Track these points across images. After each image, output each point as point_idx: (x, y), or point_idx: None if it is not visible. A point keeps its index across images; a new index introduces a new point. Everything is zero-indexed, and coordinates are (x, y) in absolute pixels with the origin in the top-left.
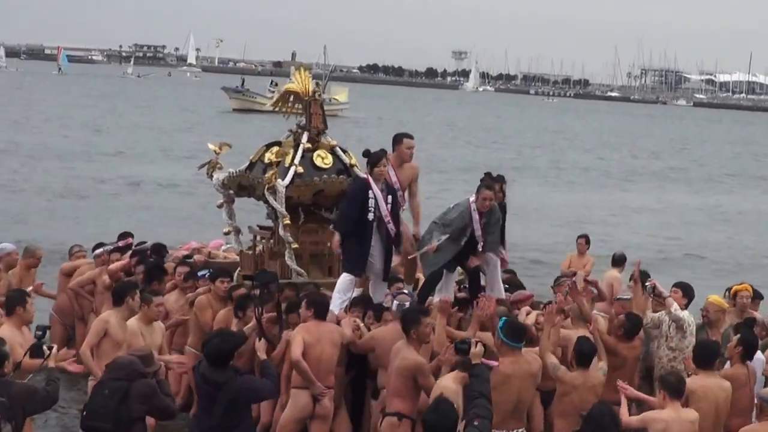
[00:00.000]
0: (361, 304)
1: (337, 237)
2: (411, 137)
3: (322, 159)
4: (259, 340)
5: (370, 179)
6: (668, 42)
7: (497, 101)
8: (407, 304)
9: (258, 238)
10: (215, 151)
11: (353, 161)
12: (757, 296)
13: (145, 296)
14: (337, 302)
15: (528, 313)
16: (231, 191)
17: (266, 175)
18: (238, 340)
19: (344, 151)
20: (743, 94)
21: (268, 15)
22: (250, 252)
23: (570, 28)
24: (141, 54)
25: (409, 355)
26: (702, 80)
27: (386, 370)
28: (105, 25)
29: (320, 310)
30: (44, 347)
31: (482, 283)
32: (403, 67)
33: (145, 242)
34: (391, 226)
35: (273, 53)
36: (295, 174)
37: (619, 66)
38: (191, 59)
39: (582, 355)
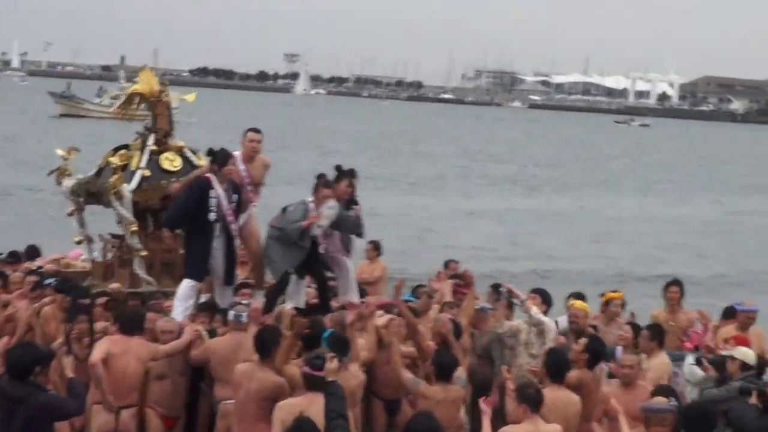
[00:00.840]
0: (207, 311)
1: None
2: (256, 130)
3: (170, 161)
4: (67, 356)
5: (213, 178)
6: (506, 44)
7: (328, 104)
8: (244, 315)
9: (108, 246)
10: (63, 157)
11: (203, 162)
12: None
13: None
14: (179, 309)
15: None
16: (80, 198)
17: (110, 180)
18: (40, 354)
19: (194, 153)
20: (579, 96)
21: (98, 16)
22: (101, 261)
23: (405, 30)
24: None
25: (267, 377)
26: (538, 81)
27: (223, 383)
28: None
29: (126, 325)
30: None
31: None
32: (234, 70)
33: None
34: (233, 227)
35: (103, 57)
36: (142, 178)
37: (455, 68)
38: (15, 63)
39: (442, 368)
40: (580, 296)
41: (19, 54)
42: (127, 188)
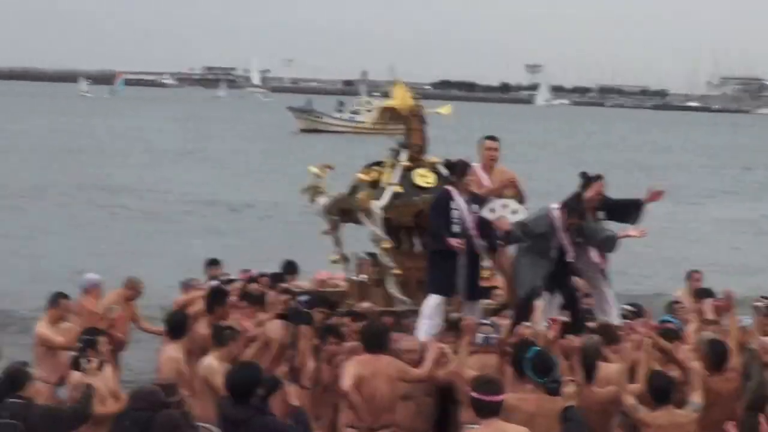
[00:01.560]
0: (455, 330)
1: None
2: (493, 138)
3: (424, 177)
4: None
5: (453, 190)
6: (747, 46)
7: (570, 115)
8: (494, 336)
9: (363, 265)
10: (317, 175)
11: None
12: None
13: None
14: (424, 328)
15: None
16: (335, 217)
17: (359, 196)
18: (262, 375)
19: (449, 168)
20: None
21: (337, 31)
22: (356, 280)
23: (646, 32)
24: (212, 76)
25: None
26: None
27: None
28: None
29: (372, 342)
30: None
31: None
32: (476, 82)
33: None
34: (478, 241)
35: (344, 72)
36: (394, 194)
37: (699, 75)
38: (255, 80)
39: (659, 391)
40: None
41: (260, 71)
42: (377, 205)
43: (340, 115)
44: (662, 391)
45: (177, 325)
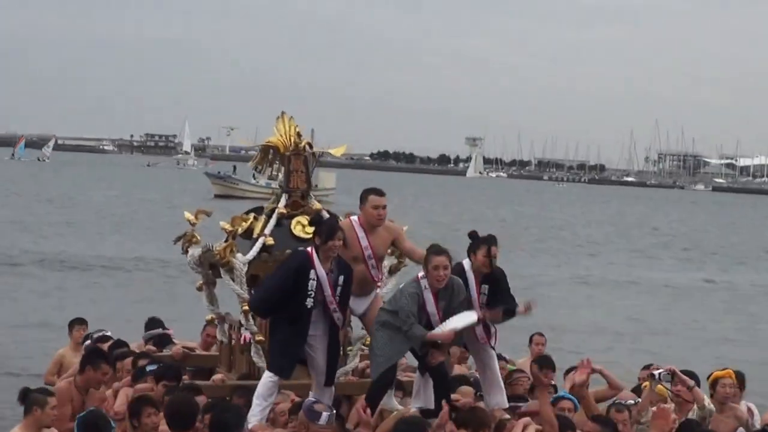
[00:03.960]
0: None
1: None
2: (380, 193)
3: (303, 227)
4: None
5: (314, 255)
6: (685, 122)
7: (499, 187)
8: (324, 416)
9: (233, 327)
10: (190, 222)
11: None
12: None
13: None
14: (256, 410)
15: (525, 427)
16: (209, 270)
17: (216, 248)
18: None
19: (337, 218)
20: (765, 178)
21: (281, 102)
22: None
23: (585, 107)
24: (152, 143)
25: None
26: (722, 164)
27: None
28: (117, 115)
29: (177, 421)
30: None
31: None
32: (414, 153)
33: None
34: (338, 315)
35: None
36: (263, 246)
37: (635, 150)
38: (186, 147)
39: None
40: None
41: (200, 139)
42: (241, 259)
43: (255, 181)
44: None
45: None
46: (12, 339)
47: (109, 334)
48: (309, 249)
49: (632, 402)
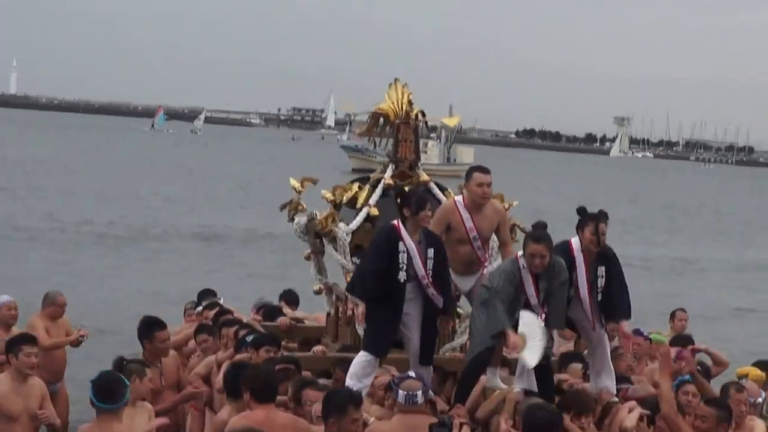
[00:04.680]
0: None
1: (361, 307)
2: (485, 171)
3: None
4: None
5: (401, 227)
6: None
7: (644, 167)
8: (419, 394)
9: (339, 299)
10: (296, 189)
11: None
12: None
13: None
14: None
15: (631, 410)
16: (316, 240)
17: (319, 219)
18: None
19: (443, 190)
20: None
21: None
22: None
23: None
24: (299, 117)
25: None
26: None
27: None
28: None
29: (262, 393)
30: None
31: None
32: (560, 132)
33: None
34: (431, 291)
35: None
36: (368, 217)
37: None
38: (330, 121)
39: None
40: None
41: (335, 111)
42: (343, 229)
43: None
44: None
45: None
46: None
47: (219, 301)
48: (395, 222)
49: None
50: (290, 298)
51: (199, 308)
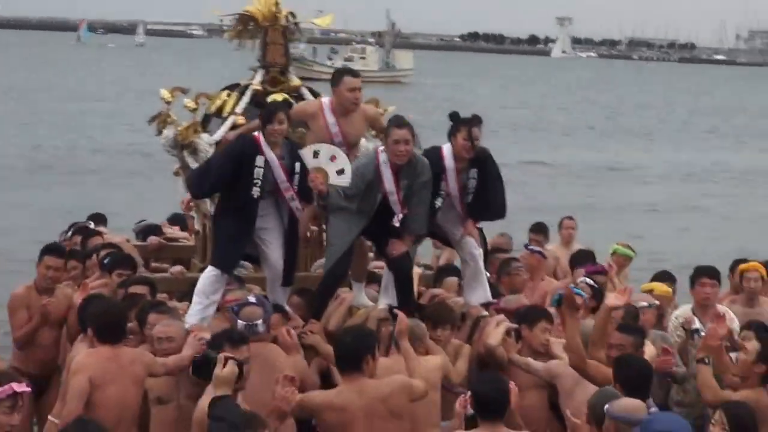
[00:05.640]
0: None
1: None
2: (355, 74)
3: None
4: None
5: (261, 140)
6: None
7: (583, 68)
8: (259, 323)
9: (206, 216)
10: (165, 100)
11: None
12: None
13: None
14: (195, 308)
15: (498, 325)
16: (183, 153)
17: (179, 129)
18: None
19: (315, 96)
20: None
21: None
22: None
23: None
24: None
25: None
26: None
27: None
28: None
29: (104, 333)
30: None
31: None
32: (504, 34)
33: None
34: (296, 204)
35: (374, 23)
36: (234, 127)
37: (725, 29)
38: None
39: None
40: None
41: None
42: (206, 140)
43: (331, 62)
44: None
45: None
46: None
47: (90, 224)
48: (257, 134)
49: (646, 305)
50: (175, 218)
51: (68, 234)
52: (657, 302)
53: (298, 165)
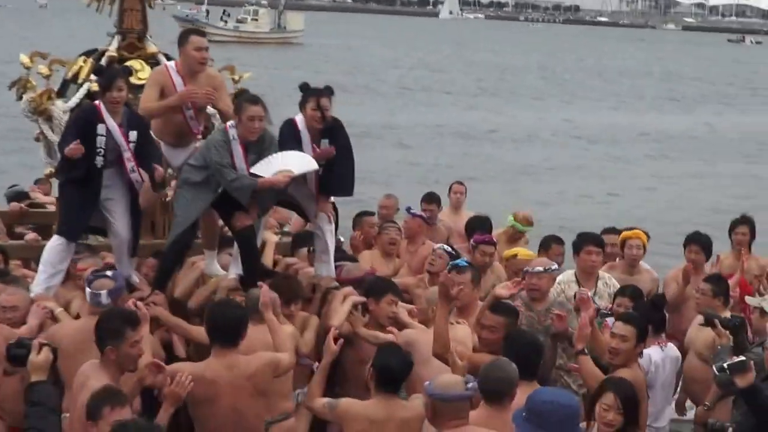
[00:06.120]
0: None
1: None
2: (201, 34)
3: (136, 73)
4: None
5: (102, 108)
6: None
7: (468, 29)
8: (103, 294)
9: None
10: (24, 65)
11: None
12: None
13: None
14: (41, 278)
15: (346, 298)
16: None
17: (32, 96)
18: None
19: (170, 60)
20: (733, 17)
21: None
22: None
23: None
24: None
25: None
26: (692, 4)
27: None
28: None
29: None
30: None
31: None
32: None
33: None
34: (135, 176)
35: None
36: (89, 94)
37: None
38: None
39: None
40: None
41: None
42: (61, 107)
43: (223, 24)
44: None
45: None
46: None
47: None
48: (97, 102)
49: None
50: (40, 182)
51: None
52: (555, 266)
53: (134, 134)
